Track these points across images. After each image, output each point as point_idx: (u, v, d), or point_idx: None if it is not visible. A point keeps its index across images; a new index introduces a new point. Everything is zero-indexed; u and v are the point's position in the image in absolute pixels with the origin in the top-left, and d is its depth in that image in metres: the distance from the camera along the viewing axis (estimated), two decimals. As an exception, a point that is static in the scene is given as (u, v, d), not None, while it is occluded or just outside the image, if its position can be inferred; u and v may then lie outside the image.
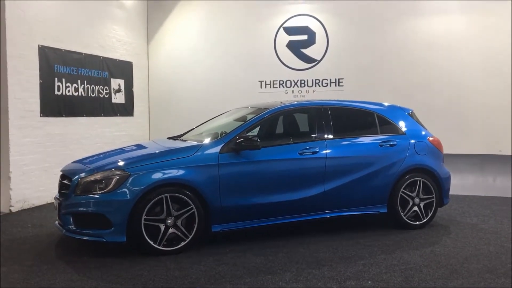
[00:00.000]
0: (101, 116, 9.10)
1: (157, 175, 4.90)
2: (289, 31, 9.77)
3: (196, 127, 6.59)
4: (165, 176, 4.92)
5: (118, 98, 9.62)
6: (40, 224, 6.33)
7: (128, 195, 4.77)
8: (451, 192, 6.47)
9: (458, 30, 8.90)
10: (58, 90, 8.00)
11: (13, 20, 7.12)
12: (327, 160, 5.61)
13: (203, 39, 10.25)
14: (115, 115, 9.53)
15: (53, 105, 7.89)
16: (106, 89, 9.23)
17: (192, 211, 5.00)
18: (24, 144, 7.33)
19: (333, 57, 9.58)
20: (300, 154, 5.52)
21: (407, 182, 5.99)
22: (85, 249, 5.10)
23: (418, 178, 6.05)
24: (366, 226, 6.12)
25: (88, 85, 8.72)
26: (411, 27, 9.18)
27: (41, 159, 7.62)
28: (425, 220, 6.06)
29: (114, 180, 4.82)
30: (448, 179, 6.31)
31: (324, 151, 5.62)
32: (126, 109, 9.89)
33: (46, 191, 7.54)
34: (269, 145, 5.55)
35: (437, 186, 6.16)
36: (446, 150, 8.38)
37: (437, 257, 4.91)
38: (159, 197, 4.87)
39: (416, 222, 6.03)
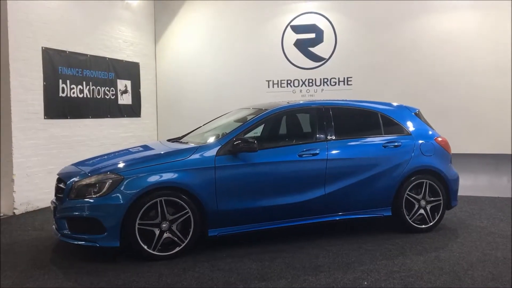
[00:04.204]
0: (107, 117, 9.07)
1: (152, 179, 4.80)
2: (297, 29, 9.61)
3: (197, 128, 6.49)
4: (160, 179, 4.82)
5: (125, 99, 9.58)
6: (41, 228, 6.30)
7: (121, 199, 4.68)
8: (463, 193, 6.27)
9: (469, 28, 8.63)
10: (63, 92, 7.98)
11: (16, 23, 7.11)
12: (328, 162, 5.45)
13: (210, 38, 10.16)
14: (122, 116, 9.49)
15: (57, 107, 7.88)
16: (112, 90, 9.19)
17: (188, 215, 4.89)
18: (28, 147, 7.32)
19: (342, 55, 9.39)
20: (300, 156, 5.36)
21: (413, 184, 5.80)
22: (80, 254, 5.03)
23: (424, 180, 5.84)
24: (371, 229, 5.94)
25: (94, 87, 8.69)
26: (421, 24, 8.93)
27: (46, 161, 7.61)
28: (431, 223, 5.86)
29: (107, 183, 4.73)
30: (456, 180, 6.09)
31: (325, 153, 5.46)
32: (133, 110, 9.84)
33: (50, 194, 7.28)
34: (267, 146, 5.41)
35: (445, 188, 5.95)
36: (458, 149, 8.18)
37: (441, 263, 4.72)
38: (154, 201, 4.77)
39: (422, 225, 5.83)
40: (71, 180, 4.92)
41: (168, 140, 6.14)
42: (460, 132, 8.64)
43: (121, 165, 4.97)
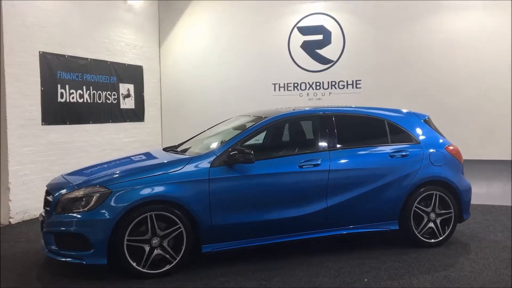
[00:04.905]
0: (109, 122, 8.86)
1: (141, 192, 4.53)
2: (304, 31, 9.30)
3: (194, 136, 6.22)
4: (150, 192, 4.55)
5: (128, 104, 9.37)
6: (34, 239, 6.09)
7: (109, 214, 4.42)
8: (476, 202, 5.91)
9: (482, 28, 8.24)
10: (61, 97, 7.78)
11: (12, 27, 6.92)
12: (330, 173, 5.13)
13: (215, 41, 9.89)
14: (124, 121, 9.28)
15: (56, 113, 7.68)
16: (114, 95, 8.98)
17: (180, 230, 4.62)
18: (25, 154, 7.13)
19: (350, 57, 9.06)
20: (300, 167, 5.06)
21: (422, 196, 5.46)
22: (69, 270, 4.78)
23: (434, 192, 5.50)
24: (376, 244, 5.60)
25: (94, 91, 8.48)
26: (433, 25, 8.56)
27: (44, 168, 7.41)
28: (442, 237, 5.51)
29: (94, 197, 4.48)
30: (468, 192, 5.73)
31: (327, 163, 5.14)
32: (136, 115, 9.62)
33: (48, 202, 7.30)
34: (265, 157, 5.13)
35: (456, 200, 5.59)
36: (471, 155, 7.80)
37: (450, 283, 4.39)
38: (143, 215, 4.51)
39: (431, 239, 5.49)
40: (58, 193, 4.69)
41: (164, 149, 5.87)
42: (473, 136, 8.26)
43: (109, 177, 4.71)
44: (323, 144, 5.28)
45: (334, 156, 5.21)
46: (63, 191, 4.67)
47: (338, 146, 5.30)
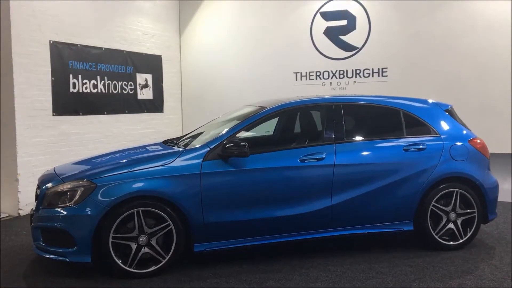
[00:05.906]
0: (125, 113, 8.68)
1: (128, 187, 4.25)
2: (327, 16, 8.79)
3: (198, 127, 5.92)
4: (137, 187, 4.27)
5: (145, 94, 9.16)
6: (36, 232, 5.95)
7: (92, 210, 4.17)
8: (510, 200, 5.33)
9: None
10: (74, 87, 7.64)
11: (20, 16, 6.78)
12: (336, 168, 4.70)
13: (236, 30, 9.53)
14: (142, 111, 9.09)
15: (68, 103, 7.54)
16: (131, 85, 8.79)
17: (170, 228, 4.33)
18: (34, 145, 7.02)
19: (376, 44, 8.49)
20: (302, 161, 4.65)
21: (440, 193, 4.95)
22: (57, 268, 4.58)
23: (455, 189, 4.98)
24: (389, 246, 5.12)
25: (109, 81, 8.30)
26: (467, 9, 7.84)
27: (54, 159, 7.26)
28: (463, 240, 5.00)
29: (78, 192, 4.25)
30: (494, 189, 5.16)
31: (332, 157, 4.71)
32: (155, 105, 9.42)
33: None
34: (264, 150, 4.74)
35: (480, 198, 5.05)
36: (508, 149, 7.17)
37: (464, 293, 3.91)
38: (130, 212, 4.24)
39: (451, 242, 4.98)
40: (44, 187, 4.49)
41: (164, 142, 5.56)
42: (508, 129, 7.57)
43: (95, 170, 4.46)
44: (328, 136, 4.84)
45: (340, 149, 4.77)
46: (49, 184, 4.47)
47: (346, 138, 4.86)
